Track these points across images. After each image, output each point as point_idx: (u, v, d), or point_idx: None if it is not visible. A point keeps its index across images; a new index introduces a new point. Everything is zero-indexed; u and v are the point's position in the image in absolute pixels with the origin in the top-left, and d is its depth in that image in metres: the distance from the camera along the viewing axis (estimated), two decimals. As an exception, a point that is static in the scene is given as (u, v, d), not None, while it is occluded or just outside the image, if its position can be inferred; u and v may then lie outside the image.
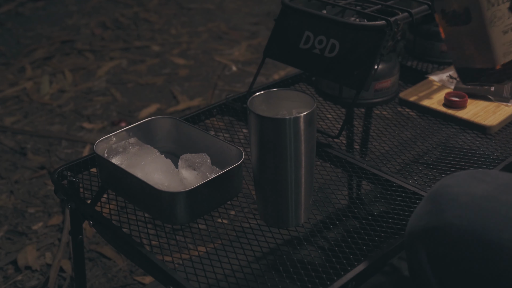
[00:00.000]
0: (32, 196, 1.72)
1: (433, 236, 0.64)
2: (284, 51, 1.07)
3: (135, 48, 2.75)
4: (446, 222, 0.63)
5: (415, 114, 1.09)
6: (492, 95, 1.07)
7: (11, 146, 1.97)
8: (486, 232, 0.60)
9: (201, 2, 3.32)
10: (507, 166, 0.93)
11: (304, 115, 0.73)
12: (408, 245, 0.68)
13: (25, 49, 2.74)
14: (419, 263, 0.66)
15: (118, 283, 1.40)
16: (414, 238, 0.66)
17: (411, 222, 0.67)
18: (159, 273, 0.77)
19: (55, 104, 2.26)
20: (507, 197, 0.63)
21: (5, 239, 1.55)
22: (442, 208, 0.64)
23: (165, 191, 0.78)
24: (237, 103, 1.12)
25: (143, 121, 0.93)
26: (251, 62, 2.58)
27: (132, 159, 0.86)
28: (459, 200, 0.64)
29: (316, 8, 1.07)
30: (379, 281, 1.27)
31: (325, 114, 1.11)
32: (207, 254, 0.81)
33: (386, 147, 1.01)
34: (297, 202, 0.80)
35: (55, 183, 0.92)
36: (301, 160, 0.76)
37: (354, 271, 0.74)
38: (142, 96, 2.31)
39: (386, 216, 0.84)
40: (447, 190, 0.66)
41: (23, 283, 1.41)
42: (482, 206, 0.62)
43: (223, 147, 0.87)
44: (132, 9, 3.23)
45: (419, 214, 0.67)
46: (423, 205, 0.67)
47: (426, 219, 0.65)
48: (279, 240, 0.81)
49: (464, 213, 0.62)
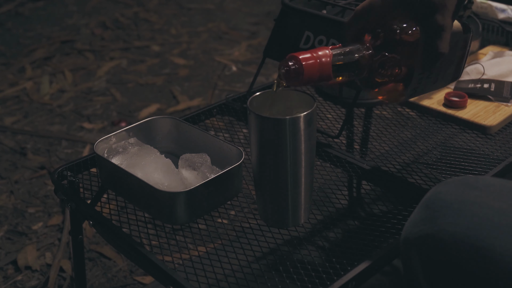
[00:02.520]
0: (32, 196, 1.72)
1: (426, 243, 0.64)
2: (284, 51, 1.07)
3: (135, 48, 2.75)
4: (440, 229, 0.63)
5: (415, 114, 1.09)
6: (492, 95, 1.07)
7: (11, 146, 1.97)
8: (479, 239, 0.60)
9: (201, 2, 3.32)
10: (507, 166, 0.93)
11: (304, 115, 0.73)
12: (402, 253, 0.68)
13: (25, 49, 2.74)
14: (412, 270, 0.66)
15: (118, 283, 1.40)
16: (408, 245, 0.66)
17: (405, 229, 0.67)
18: (159, 273, 0.77)
19: (55, 104, 2.26)
20: (499, 204, 0.63)
21: (5, 239, 1.55)
22: (435, 215, 0.64)
23: (165, 191, 0.78)
24: (237, 103, 1.12)
25: (143, 121, 0.93)
26: (251, 62, 2.58)
27: (132, 159, 0.86)
28: (453, 207, 0.64)
29: (316, 8, 1.07)
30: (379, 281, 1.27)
31: (325, 114, 1.11)
32: (207, 254, 0.81)
33: (386, 147, 1.01)
34: (297, 202, 0.80)
35: (55, 183, 0.92)
36: (301, 160, 0.76)
37: (354, 271, 0.74)
38: (142, 96, 2.31)
39: (386, 216, 0.84)
40: (440, 197, 0.66)
41: (23, 283, 1.41)
42: (475, 213, 0.62)
43: (223, 147, 0.87)
44: (132, 9, 3.23)
45: (413, 221, 0.67)
46: (416, 212, 0.68)
47: (420, 226, 0.65)
48: (279, 240, 0.81)
49: (457, 220, 0.62)
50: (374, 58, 0.71)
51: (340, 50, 0.70)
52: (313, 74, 0.68)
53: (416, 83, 0.73)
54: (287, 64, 0.69)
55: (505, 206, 0.62)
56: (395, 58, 0.72)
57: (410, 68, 0.72)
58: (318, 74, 0.68)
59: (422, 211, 0.66)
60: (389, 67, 0.72)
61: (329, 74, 0.69)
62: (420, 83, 0.74)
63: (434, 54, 0.70)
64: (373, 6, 0.71)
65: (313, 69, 0.68)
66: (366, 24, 0.72)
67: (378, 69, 0.72)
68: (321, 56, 0.68)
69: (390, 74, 0.73)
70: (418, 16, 0.70)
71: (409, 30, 0.71)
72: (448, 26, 0.69)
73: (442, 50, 0.70)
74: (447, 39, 0.70)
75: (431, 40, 0.69)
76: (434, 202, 0.66)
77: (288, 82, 0.70)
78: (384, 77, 0.73)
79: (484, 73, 1.14)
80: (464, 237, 0.61)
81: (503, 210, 0.62)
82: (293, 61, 0.68)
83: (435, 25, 0.69)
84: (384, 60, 0.72)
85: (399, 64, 0.72)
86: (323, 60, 0.68)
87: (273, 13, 3.01)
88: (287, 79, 0.70)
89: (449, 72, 0.79)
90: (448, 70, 0.78)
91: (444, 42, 0.70)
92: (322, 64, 0.68)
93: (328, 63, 0.68)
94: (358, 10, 0.72)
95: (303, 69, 0.67)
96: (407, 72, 0.72)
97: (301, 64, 0.67)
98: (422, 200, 0.68)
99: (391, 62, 0.72)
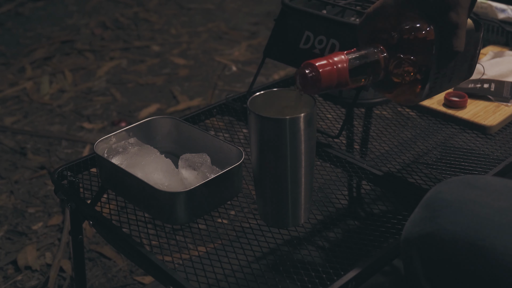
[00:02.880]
0: (32, 196, 1.72)
1: (426, 242, 0.64)
2: (284, 51, 1.07)
3: (135, 48, 2.75)
4: (440, 228, 0.63)
5: (415, 114, 1.09)
6: (492, 95, 1.07)
7: (11, 146, 1.97)
8: (480, 238, 0.60)
9: (201, 2, 3.32)
10: (507, 166, 0.93)
11: (303, 115, 0.73)
12: (403, 252, 0.68)
13: (25, 49, 2.74)
14: (413, 269, 0.66)
15: (118, 283, 1.40)
16: (409, 244, 0.66)
17: (406, 229, 0.67)
18: (159, 273, 0.77)
19: (55, 104, 2.26)
20: (500, 203, 0.63)
21: (5, 239, 1.55)
22: (436, 214, 0.64)
23: (165, 191, 0.78)
24: (237, 103, 1.12)
25: (143, 121, 0.93)
26: (251, 62, 2.58)
27: (132, 159, 0.86)
28: (453, 207, 0.64)
29: (316, 8, 1.07)
30: (379, 281, 1.27)
31: (325, 114, 1.11)
32: (207, 254, 0.81)
33: (386, 147, 1.01)
34: (297, 202, 0.80)
35: (55, 183, 0.92)
36: (301, 160, 0.76)
37: (354, 271, 0.74)
38: (142, 96, 2.31)
39: (386, 216, 0.84)
40: (441, 197, 0.66)
41: (23, 283, 1.41)
42: (475, 213, 0.62)
43: (223, 147, 0.87)
44: (132, 9, 3.23)
45: (413, 220, 0.67)
46: (417, 212, 0.68)
47: (420, 226, 0.65)
48: (279, 240, 0.81)
49: (458, 220, 0.62)
50: (389, 60, 0.71)
51: (355, 55, 0.69)
52: (331, 81, 0.67)
53: (433, 83, 0.72)
54: (304, 72, 0.67)
55: (506, 206, 0.62)
56: (410, 59, 0.71)
57: (426, 68, 0.71)
58: (336, 80, 0.67)
59: (423, 211, 0.66)
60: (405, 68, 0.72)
61: (346, 80, 0.68)
62: (436, 82, 0.73)
63: (450, 53, 0.69)
64: (385, 6, 0.70)
65: (331, 76, 0.67)
66: (379, 25, 0.71)
67: (394, 71, 0.72)
68: (338, 62, 0.67)
69: (405, 75, 0.72)
70: (431, 15, 0.69)
71: (423, 30, 0.70)
72: (463, 24, 0.69)
73: (458, 49, 0.69)
74: (462, 37, 0.69)
75: (446, 39, 0.68)
76: (435, 201, 0.66)
77: (305, 91, 0.69)
78: (400, 77, 0.73)
79: (484, 73, 1.14)
80: (464, 236, 0.61)
81: (504, 210, 0.62)
82: (309, 68, 0.67)
83: (449, 23, 0.68)
84: (399, 62, 0.71)
85: (414, 64, 0.71)
86: (340, 66, 0.67)
87: (273, 13, 3.01)
88: (305, 87, 0.68)
89: (463, 70, 0.78)
90: (462, 69, 0.78)
91: (460, 40, 0.69)
92: (339, 70, 0.67)
93: (345, 68, 0.67)
94: (370, 11, 0.71)
95: (321, 76, 0.66)
96: (422, 73, 0.71)
97: (318, 71, 0.66)
98: (423, 200, 0.68)
99: (407, 63, 0.71)
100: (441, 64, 0.70)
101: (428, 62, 0.71)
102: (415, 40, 0.71)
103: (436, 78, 0.73)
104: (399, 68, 0.72)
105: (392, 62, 0.71)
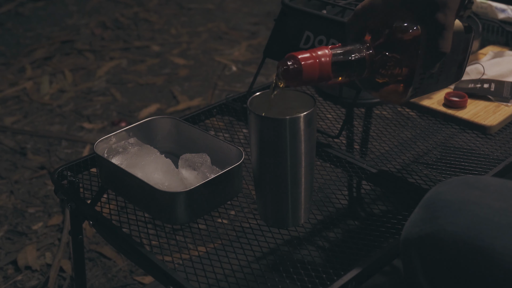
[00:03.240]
0: (32, 196, 1.72)
1: (426, 243, 0.64)
2: (284, 51, 1.07)
3: (135, 48, 2.75)
4: (440, 228, 0.63)
5: (415, 114, 1.09)
6: (492, 95, 1.07)
7: (11, 146, 1.97)
8: (480, 239, 0.60)
9: (201, 2, 3.32)
10: (507, 166, 0.93)
11: (303, 115, 0.73)
12: (402, 253, 0.68)
13: (25, 49, 2.74)
14: (412, 270, 0.66)
15: (118, 283, 1.40)
16: (408, 245, 0.66)
17: (405, 229, 0.67)
18: (159, 273, 0.77)
19: (55, 104, 2.26)
20: (500, 204, 0.63)
21: (5, 239, 1.55)
22: (436, 215, 0.64)
23: (165, 191, 0.78)
24: (237, 103, 1.12)
25: (143, 121, 0.93)
26: (251, 62, 2.58)
27: (132, 159, 0.86)
28: (453, 207, 0.64)
29: (316, 8, 1.07)
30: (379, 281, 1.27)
31: (325, 114, 1.11)
32: (207, 254, 0.81)
33: (386, 147, 1.01)
34: (297, 202, 0.80)
35: (55, 183, 0.92)
36: (301, 160, 0.76)
37: (354, 271, 0.74)
38: (142, 96, 2.31)
39: (386, 216, 0.84)
40: (441, 197, 0.66)
41: (23, 283, 1.41)
42: (475, 213, 0.62)
43: (223, 147, 0.87)
44: (132, 9, 3.22)
45: (413, 221, 0.67)
46: (417, 212, 0.68)
47: (420, 226, 0.65)
48: (279, 240, 0.81)
49: (458, 220, 0.62)
50: (374, 58, 0.71)
51: (340, 50, 0.70)
52: (313, 74, 0.68)
53: (418, 84, 0.73)
54: (286, 64, 0.68)
55: (505, 206, 0.62)
56: (396, 58, 0.71)
57: (411, 68, 0.71)
58: (317, 74, 0.68)
59: (422, 211, 0.66)
60: (390, 67, 0.72)
61: (328, 74, 0.69)
62: (421, 83, 0.73)
63: (435, 54, 0.69)
64: (374, 5, 0.71)
65: (313, 69, 0.67)
66: (367, 23, 0.72)
67: (379, 69, 0.72)
68: (321, 56, 0.68)
69: (391, 74, 0.72)
70: (419, 15, 0.69)
71: (410, 29, 0.70)
72: (450, 25, 0.69)
73: (444, 50, 0.69)
74: (449, 38, 0.69)
75: (432, 39, 0.69)
76: (434, 202, 0.66)
77: (287, 82, 0.69)
78: (385, 77, 0.73)
79: (484, 73, 1.14)
80: (464, 237, 0.61)
81: (503, 210, 0.62)
82: (292, 60, 0.68)
83: (436, 23, 0.68)
84: (384, 60, 0.71)
85: (400, 64, 0.71)
86: (323, 60, 0.68)
87: (273, 13, 3.01)
88: (286, 79, 0.69)
89: (451, 73, 0.78)
90: (450, 71, 0.78)
91: (446, 41, 0.69)
92: (321, 64, 0.68)
93: (327, 62, 0.68)
94: (359, 9, 0.72)
95: (302, 68, 0.67)
96: (408, 72, 0.72)
97: (300, 63, 0.67)
98: (422, 200, 0.68)
99: (392, 62, 0.71)
100: (427, 64, 0.70)
101: (414, 62, 0.71)
102: (401, 39, 0.71)
103: (422, 79, 0.73)
104: (384, 66, 0.72)
105: (377, 60, 0.71)
